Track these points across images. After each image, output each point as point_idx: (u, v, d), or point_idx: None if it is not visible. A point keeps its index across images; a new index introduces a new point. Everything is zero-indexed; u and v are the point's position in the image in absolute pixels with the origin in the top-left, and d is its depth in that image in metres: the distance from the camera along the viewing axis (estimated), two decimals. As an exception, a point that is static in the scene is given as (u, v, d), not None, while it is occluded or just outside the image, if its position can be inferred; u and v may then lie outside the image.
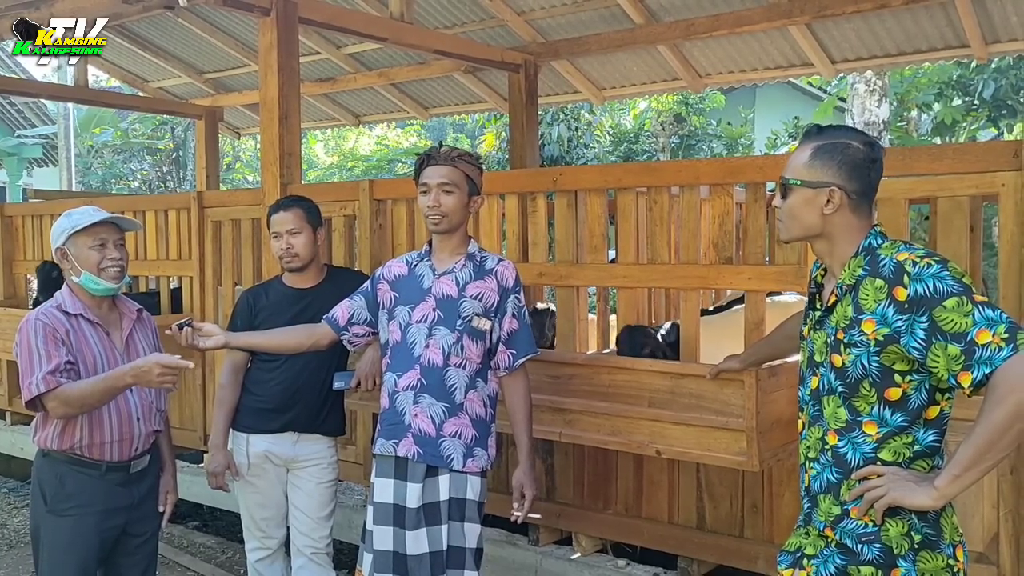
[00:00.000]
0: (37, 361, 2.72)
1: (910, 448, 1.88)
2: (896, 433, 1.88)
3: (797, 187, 1.99)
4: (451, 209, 2.73)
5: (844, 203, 1.95)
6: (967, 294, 1.77)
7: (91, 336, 2.86)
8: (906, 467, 1.88)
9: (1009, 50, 5.94)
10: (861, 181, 1.95)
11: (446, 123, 18.61)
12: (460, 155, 2.77)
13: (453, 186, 2.72)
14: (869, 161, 1.95)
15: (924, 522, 1.87)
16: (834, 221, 1.96)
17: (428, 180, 2.73)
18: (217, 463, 3.36)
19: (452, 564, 2.71)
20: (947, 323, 1.76)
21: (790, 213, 2.02)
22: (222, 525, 5.62)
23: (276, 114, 4.51)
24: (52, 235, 2.90)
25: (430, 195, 2.73)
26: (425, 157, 2.78)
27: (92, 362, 2.82)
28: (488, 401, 2.81)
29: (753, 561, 3.26)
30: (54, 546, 2.83)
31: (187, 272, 5.19)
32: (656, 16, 6.05)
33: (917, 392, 1.86)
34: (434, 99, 8.16)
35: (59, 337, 2.77)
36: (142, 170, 19.15)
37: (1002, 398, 1.71)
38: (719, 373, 2.79)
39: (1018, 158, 2.66)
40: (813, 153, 1.98)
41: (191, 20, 7.08)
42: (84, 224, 2.84)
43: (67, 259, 2.86)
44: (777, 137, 14.82)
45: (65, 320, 2.82)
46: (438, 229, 2.76)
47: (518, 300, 2.81)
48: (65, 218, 2.89)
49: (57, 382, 2.70)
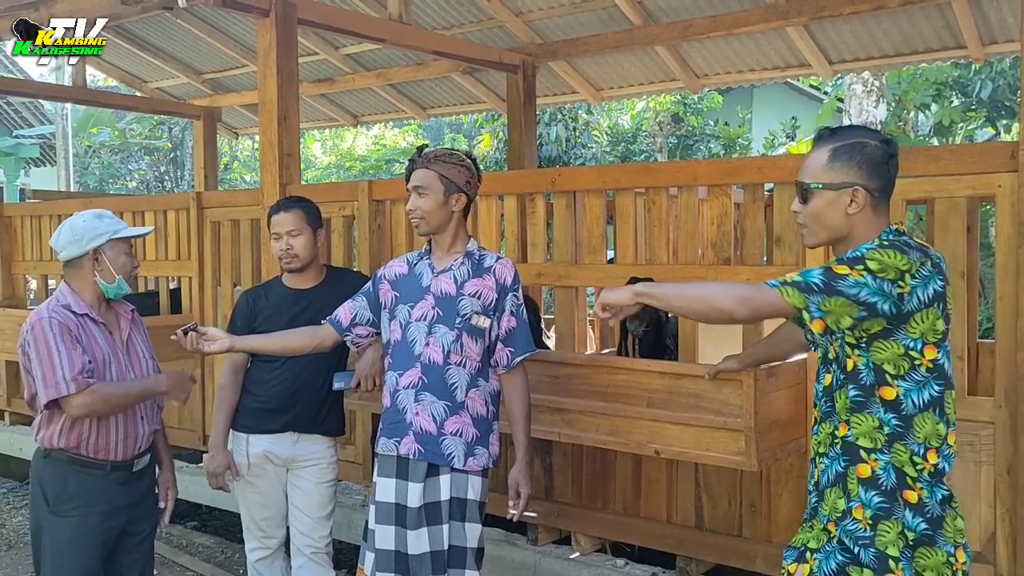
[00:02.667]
0: (59, 360, 2.73)
1: (881, 432, 1.94)
2: (856, 410, 1.96)
3: (819, 190, 1.99)
4: (426, 211, 2.76)
5: (867, 202, 1.97)
6: (841, 262, 1.93)
7: (97, 336, 2.88)
8: (888, 454, 1.93)
9: (1006, 51, 5.95)
10: (881, 179, 1.97)
11: (444, 123, 18.62)
12: (436, 156, 2.80)
13: (425, 188, 2.76)
14: (887, 158, 1.97)
15: (920, 517, 1.89)
16: (857, 221, 1.98)
17: (410, 184, 2.81)
18: (217, 463, 3.36)
19: (453, 564, 2.72)
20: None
21: (815, 217, 2.02)
22: (221, 525, 5.63)
23: (275, 115, 4.52)
24: (83, 233, 2.88)
25: (410, 199, 2.80)
26: (410, 161, 2.84)
27: (102, 361, 2.85)
28: (490, 399, 2.82)
29: (751, 560, 3.27)
30: (57, 547, 2.83)
31: (186, 272, 5.20)
32: (654, 17, 6.06)
33: (867, 369, 1.95)
34: (432, 99, 8.17)
35: (74, 336, 2.79)
36: (140, 170, 19.15)
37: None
38: (718, 373, 2.80)
39: (1015, 159, 2.67)
40: (832, 155, 1.99)
41: (189, 21, 7.08)
42: (129, 233, 2.93)
43: (99, 261, 2.89)
44: (775, 137, 14.85)
45: (75, 319, 2.84)
46: (419, 231, 2.82)
47: (516, 298, 2.82)
48: (98, 220, 2.91)
49: (86, 382, 2.73)
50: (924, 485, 1.92)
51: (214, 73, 8.24)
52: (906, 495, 1.91)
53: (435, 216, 2.77)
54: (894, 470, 1.92)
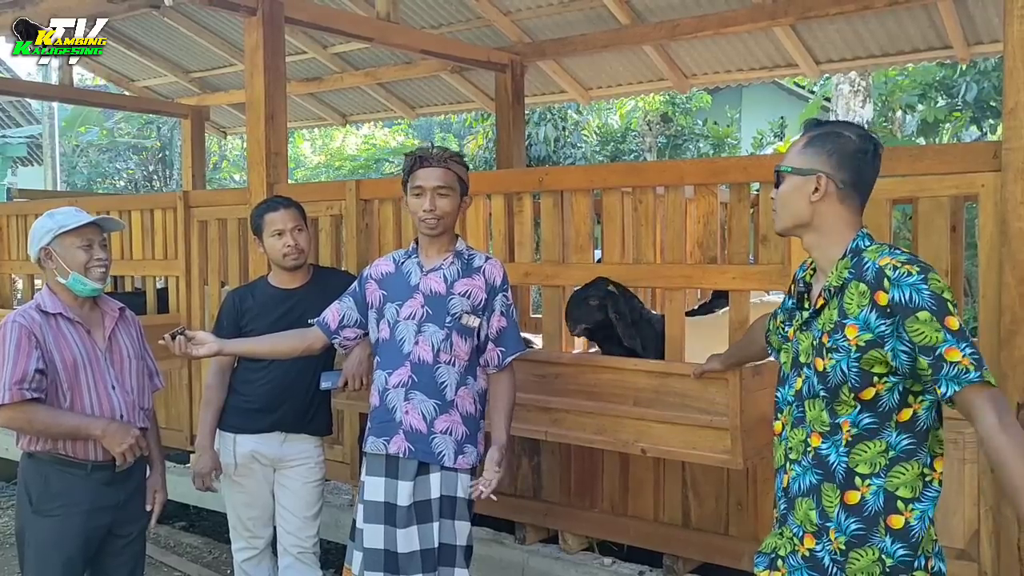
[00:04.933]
0: (5, 367, 2.70)
1: (885, 456, 1.85)
2: (867, 438, 1.86)
3: (787, 174, 1.98)
4: (447, 212, 2.74)
5: (832, 192, 1.93)
6: (940, 311, 1.76)
7: (71, 336, 2.84)
8: (883, 478, 1.84)
9: (991, 51, 5.99)
10: (850, 171, 1.93)
11: (433, 123, 18.59)
12: (451, 156, 2.77)
13: (448, 189, 2.72)
14: (860, 152, 1.93)
15: (901, 543, 1.83)
16: (822, 211, 1.94)
17: (423, 183, 2.71)
18: (204, 464, 3.35)
19: (443, 562, 2.72)
20: (917, 335, 1.76)
21: (781, 201, 2.01)
22: (208, 525, 5.61)
23: (262, 114, 4.51)
24: (34, 234, 2.88)
25: (425, 198, 2.71)
26: (418, 158, 2.75)
27: (72, 363, 2.80)
28: (478, 398, 2.82)
29: (738, 558, 3.28)
30: (39, 546, 2.82)
31: (173, 272, 5.18)
32: (642, 17, 6.07)
33: (890, 393, 1.84)
34: (421, 99, 8.16)
35: (34, 340, 2.74)
36: (128, 169, 19.06)
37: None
38: (703, 373, 2.81)
39: (997, 159, 2.69)
40: (807, 142, 1.98)
41: (177, 19, 7.06)
42: (73, 225, 2.83)
43: (52, 259, 2.85)
44: (763, 137, 14.89)
45: (43, 320, 2.80)
46: (433, 232, 2.75)
47: (506, 298, 2.82)
48: (48, 218, 2.88)
49: (21, 395, 2.68)
50: (920, 504, 1.85)
51: (202, 72, 8.21)
52: (890, 521, 1.84)
53: (452, 218, 2.77)
54: (884, 495, 1.85)
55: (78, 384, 2.81)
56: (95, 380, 2.85)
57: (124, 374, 2.94)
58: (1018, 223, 2.64)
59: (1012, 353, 2.66)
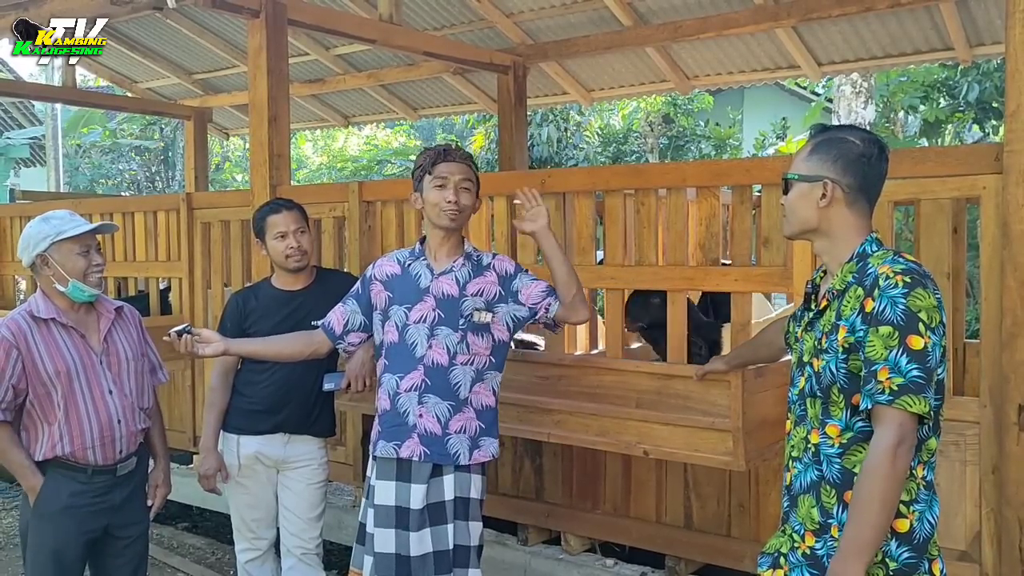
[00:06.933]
0: None
1: None
2: (860, 440, 1.87)
3: (795, 181, 2.01)
4: (467, 206, 2.76)
5: (839, 197, 1.95)
6: (907, 328, 1.78)
7: (64, 342, 2.81)
8: None
9: (993, 52, 5.98)
10: (856, 176, 1.95)
11: (435, 124, 18.59)
12: (468, 154, 2.82)
13: (471, 184, 2.76)
14: (865, 156, 1.95)
15: (906, 547, 1.84)
16: (829, 216, 1.97)
17: (447, 174, 2.72)
18: (208, 465, 3.36)
19: (458, 563, 2.71)
20: (869, 346, 1.81)
21: (789, 208, 2.04)
22: (212, 526, 5.62)
23: (265, 115, 4.52)
24: (29, 240, 2.81)
25: (448, 190, 2.71)
26: (442, 151, 2.77)
27: (65, 372, 2.78)
28: (495, 388, 2.82)
29: (740, 560, 3.29)
30: (37, 547, 2.83)
31: (176, 273, 5.19)
32: (644, 18, 6.08)
33: None
34: (423, 100, 8.17)
35: (13, 355, 2.73)
36: (130, 170, 19.05)
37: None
38: (706, 374, 2.81)
39: (999, 161, 2.69)
40: (813, 148, 2.00)
41: (180, 21, 7.07)
42: (73, 232, 2.79)
43: (49, 265, 2.79)
44: (765, 138, 14.86)
45: (34, 327, 2.78)
46: (452, 224, 2.73)
47: (526, 274, 2.81)
48: (44, 223, 2.81)
49: None
50: (917, 506, 1.86)
51: (205, 73, 8.22)
52: (896, 524, 1.84)
53: (468, 215, 2.79)
54: None
55: (72, 393, 2.79)
56: (90, 387, 2.82)
57: (122, 376, 2.91)
58: (1019, 225, 2.64)
59: (1013, 355, 2.66)
